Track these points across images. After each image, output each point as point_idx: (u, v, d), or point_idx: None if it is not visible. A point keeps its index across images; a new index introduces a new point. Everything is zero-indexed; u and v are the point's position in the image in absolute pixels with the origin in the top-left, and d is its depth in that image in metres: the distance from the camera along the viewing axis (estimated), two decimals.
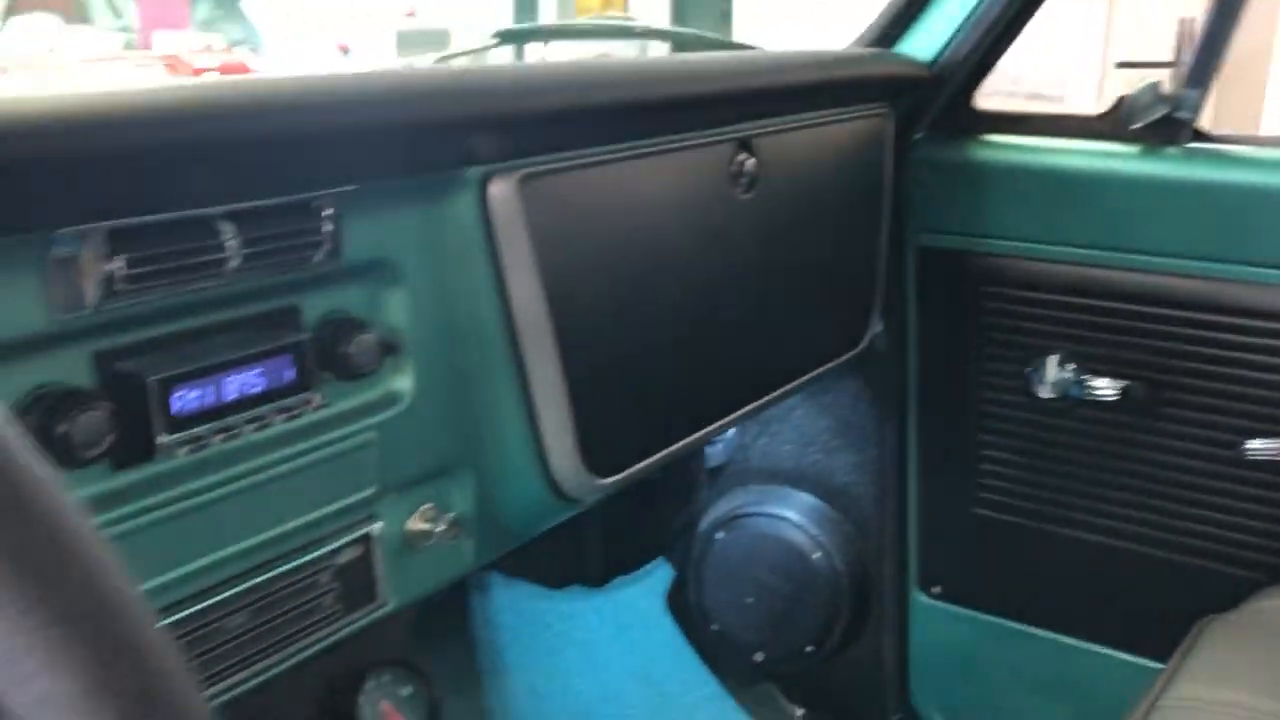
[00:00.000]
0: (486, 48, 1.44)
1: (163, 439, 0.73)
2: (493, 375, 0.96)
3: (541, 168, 0.94)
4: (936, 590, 1.58)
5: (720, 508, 1.65)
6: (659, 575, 1.73)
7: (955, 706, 1.61)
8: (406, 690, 1.04)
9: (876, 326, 1.43)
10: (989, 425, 1.49)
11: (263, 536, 0.82)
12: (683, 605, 1.70)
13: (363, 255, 0.85)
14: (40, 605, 0.21)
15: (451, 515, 0.96)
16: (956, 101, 1.43)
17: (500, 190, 0.91)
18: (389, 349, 0.89)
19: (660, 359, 1.09)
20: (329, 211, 0.80)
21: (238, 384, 0.77)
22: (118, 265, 0.69)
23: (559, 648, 1.61)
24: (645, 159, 1.04)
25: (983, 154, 1.41)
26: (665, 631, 1.70)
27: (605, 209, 1.01)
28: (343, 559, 0.89)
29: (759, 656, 1.65)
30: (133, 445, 0.72)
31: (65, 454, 0.68)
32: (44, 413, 0.68)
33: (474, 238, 0.91)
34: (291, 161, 0.78)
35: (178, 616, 0.78)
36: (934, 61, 1.39)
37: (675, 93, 1.08)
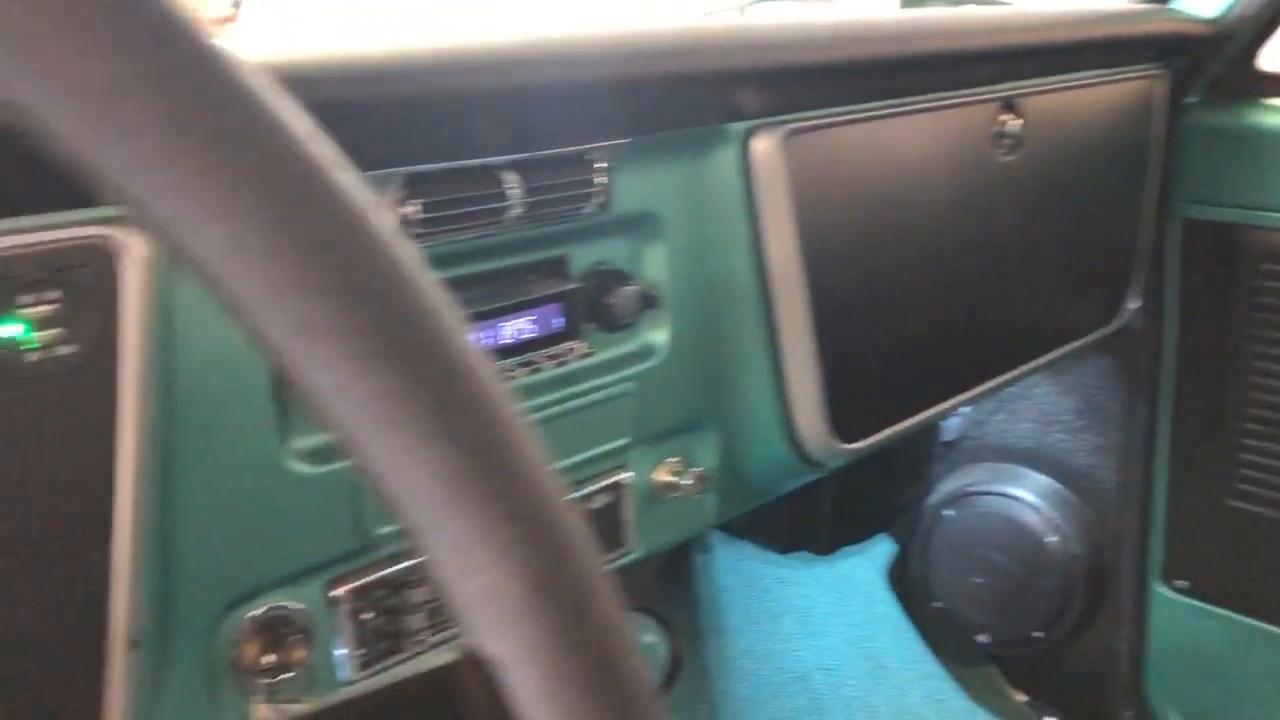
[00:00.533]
0: (747, 3, 1.43)
1: None
2: (744, 333, 0.96)
3: (805, 124, 0.93)
4: (1181, 583, 1.49)
5: (951, 484, 1.61)
6: (880, 548, 1.70)
7: (1194, 707, 1.52)
8: (648, 638, 1.06)
9: (1133, 302, 1.35)
10: (1254, 414, 1.38)
11: None
12: (904, 580, 1.67)
13: (629, 208, 0.86)
14: (496, 501, 0.22)
15: (698, 470, 0.97)
16: (1238, 62, 1.32)
17: (763, 146, 0.91)
18: (648, 302, 0.90)
19: (910, 325, 1.06)
20: (602, 164, 0.82)
21: (513, 329, 0.80)
22: (414, 209, 0.72)
23: (778, 612, 1.61)
24: (907, 117, 1.01)
25: (1265, 120, 1.31)
26: (885, 605, 1.67)
27: (865, 167, 0.99)
28: (596, 504, 0.91)
29: (983, 638, 1.60)
30: None
31: None
32: None
33: (734, 193, 0.91)
34: (570, 114, 0.80)
35: None
36: (1217, 19, 1.29)
37: (941, 48, 1.04)
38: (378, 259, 0.22)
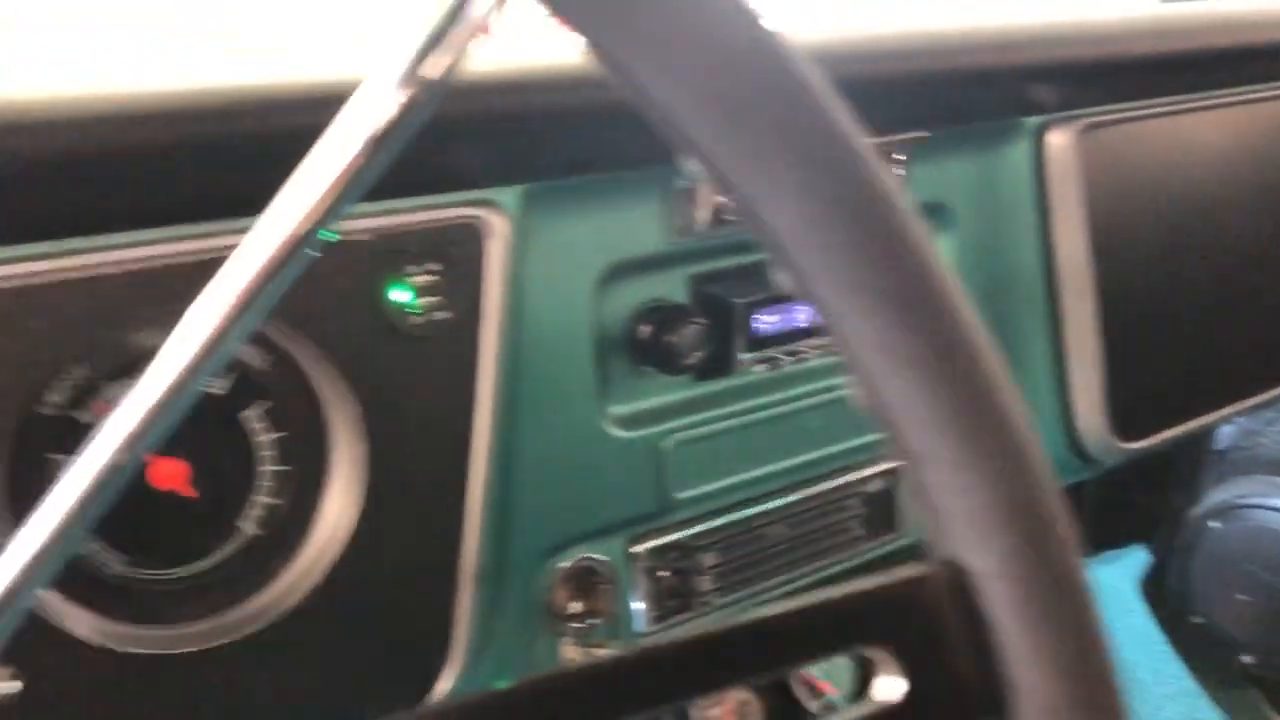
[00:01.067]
0: None
1: (742, 356, 0.82)
2: (1028, 326, 0.96)
3: (1101, 119, 0.92)
4: None
5: (1217, 495, 1.54)
6: (1135, 557, 1.65)
7: None
8: None
9: None
10: None
11: (810, 455, 0.88)
12: (1160, 592, 1.61)
13: (922, 199, 0.88)
14: (986, 435, 0.26)
15: None
16: None
17: (1058, 140, 0.91)
18: None
19: (1198, 325, 1.04)
20: (900, 157, 0.85)
21: (806, 312, 0.84)
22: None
23: None
24: (1207, 112, 0.99)
25: None
26: (1138, 616, 1.62)
27: (1161, 164, 0.97)
28: (871, 487, 0.94)
29: (1246, 658, 1.53)
30: (717, 359, 0.81)
31: (669, 360, 0.78)
32: (658, 322, 0.78)
33: (1025, 187, 0.92)
34: (872, 108, 0.83)
35: (730, 519, 0.86)
36: None
37: (1245, 41, 1.01)
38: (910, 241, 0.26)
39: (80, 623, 0.58)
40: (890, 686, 0.26)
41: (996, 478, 0.26)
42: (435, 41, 0.32)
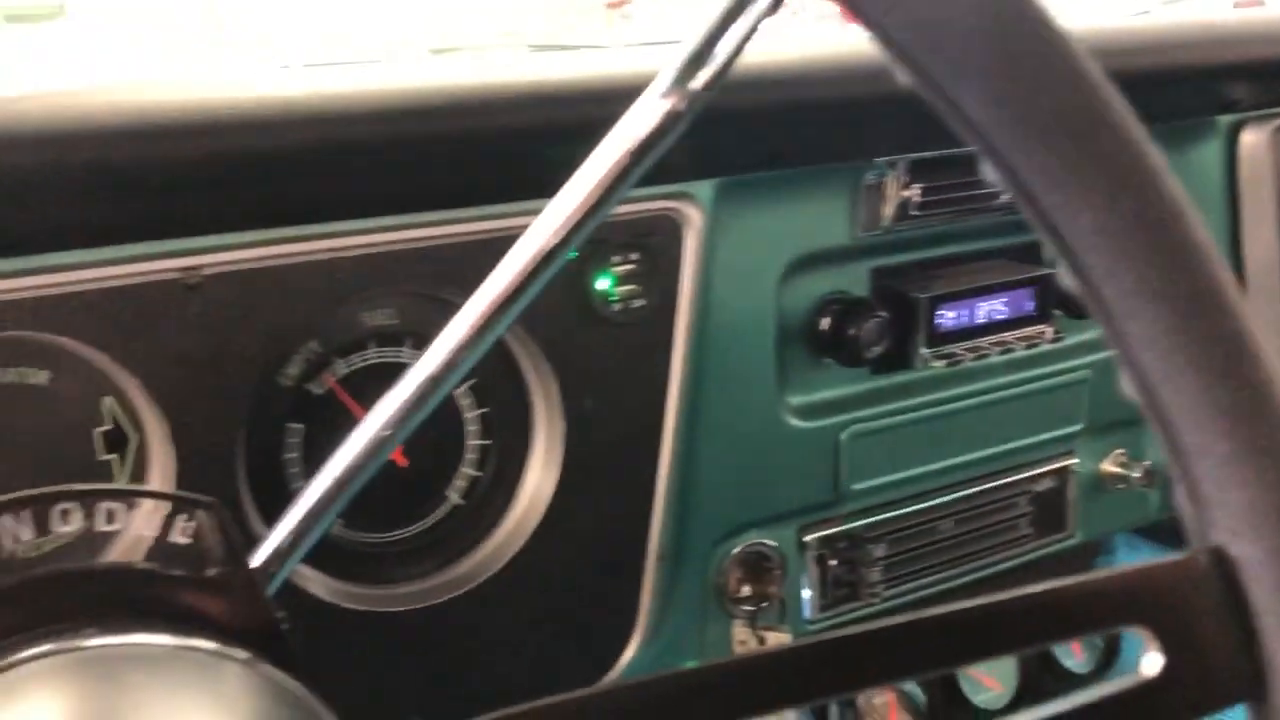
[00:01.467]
0: None
1: (923, 351, 0.82)
2: None
3: None
4: None
5: None
6: None
7: None
8: None
9: None
10: None
11: (983, 452, 0.88)
12: None
13: None
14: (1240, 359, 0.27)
15: (1145, 464, 0.97)
16: None
17: (1251, 139, 0.89)
18: None
19: None
20: None
21: (986, 309, 0.84)
22: (914, 192, 0.78)
23: None
24: None
25: None
26: None
27: None
28: (1040, 486, 0.94)
29: None
30: (897, 353, 0.82)
31: (850, 353, 0.79)
32: (840, 315, 0.79)
33: (1216, 186, 0.90)
34: None
35: (901, 511, 0.87)
36: None
37: None
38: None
39: (311, 581, 0.63)
40: (1149, 663, 0.28)
41: (1275, 475, 0.27)
42: (704, 53, 0.35)
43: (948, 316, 0.83)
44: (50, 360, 0.56)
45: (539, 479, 0.69)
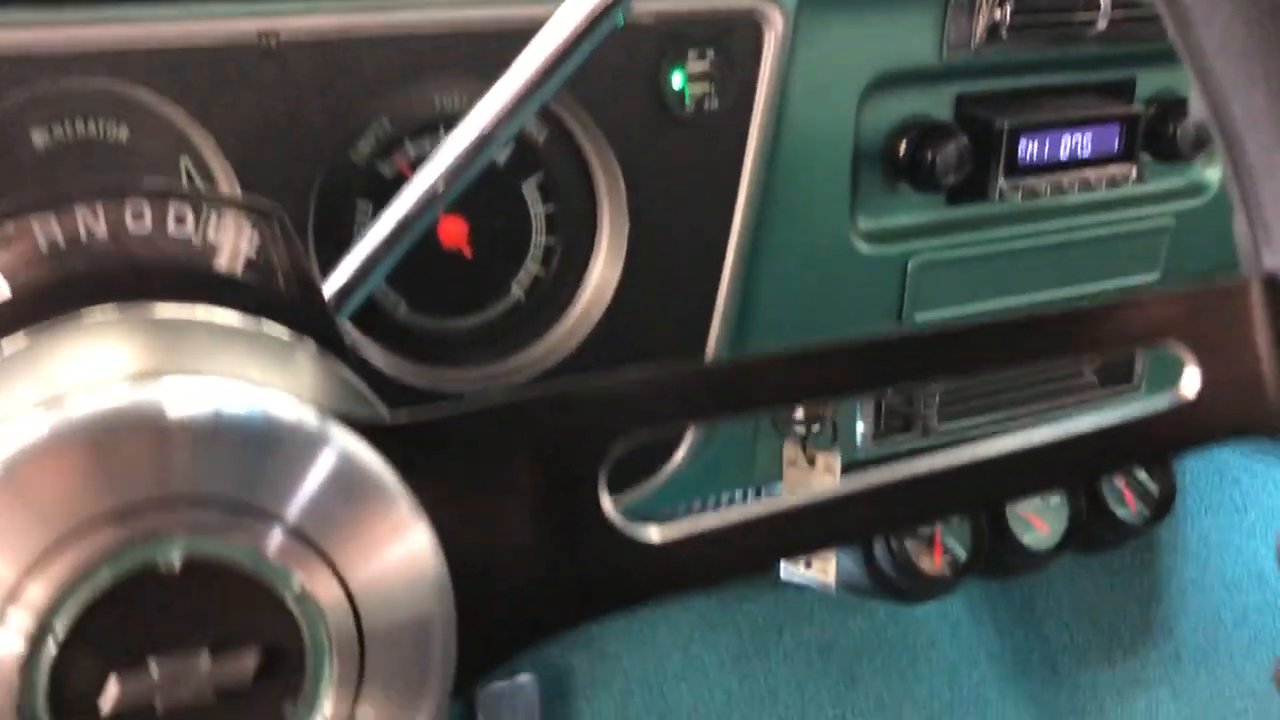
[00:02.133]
0: None
1: (1001, 182, 0.80)
2: None
3: None
4: None
5: None
6: None
7: None
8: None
9: None
10: None
11: (1054, 293, 0.87)
12: None
13: None
14: None
15: None
16: None
17: None
18: (1201, 141, 0.87)
19: None
20: None
21: (1070, 144, 0.82)
22: (1006, 12, 0.75)
23: (1242, 505, 1.53)
24: None
25: None
26: None
27: None
28: None
29: None
30: (974, 182, 0.80)
31: (926, 178, 0.77)
32: (918, 139, 0.77)
33: None
34: None
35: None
36: None
37: None
38: None
39: (374, 354, 0.65)
40: (1188, 382, 0.28)
41: None
42: None
43: (1031, 148, 0.80)
44: (131, 117, 0.57)
45: (602, 277, 0.69)
